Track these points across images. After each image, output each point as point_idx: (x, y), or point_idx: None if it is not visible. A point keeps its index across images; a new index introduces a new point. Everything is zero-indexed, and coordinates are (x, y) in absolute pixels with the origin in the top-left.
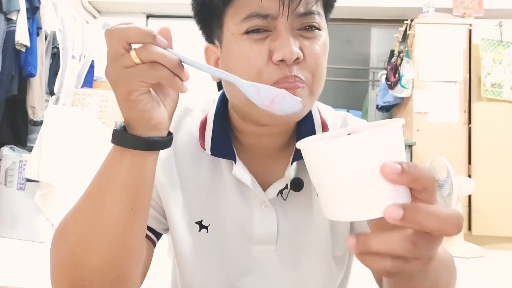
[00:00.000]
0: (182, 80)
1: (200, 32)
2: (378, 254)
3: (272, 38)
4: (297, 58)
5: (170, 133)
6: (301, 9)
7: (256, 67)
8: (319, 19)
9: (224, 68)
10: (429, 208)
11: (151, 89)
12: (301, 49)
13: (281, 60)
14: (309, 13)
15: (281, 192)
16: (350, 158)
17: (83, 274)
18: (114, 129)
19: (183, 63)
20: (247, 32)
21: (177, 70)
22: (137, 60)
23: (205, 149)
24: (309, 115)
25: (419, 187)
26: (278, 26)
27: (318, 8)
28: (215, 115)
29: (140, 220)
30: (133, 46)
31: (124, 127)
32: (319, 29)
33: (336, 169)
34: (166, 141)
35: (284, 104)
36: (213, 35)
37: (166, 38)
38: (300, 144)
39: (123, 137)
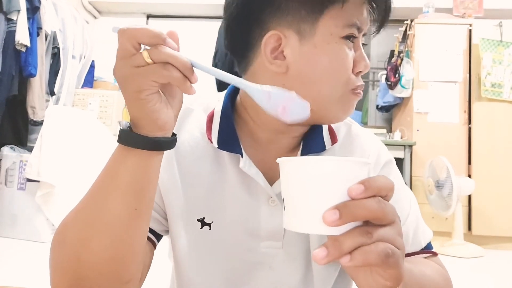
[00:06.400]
0: (191, 82)
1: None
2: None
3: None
4: None
5: (174, 134)
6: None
7: (349, 71)
8: None
9: (310, 61)
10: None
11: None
12: None
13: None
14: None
15: None
16: (316, 175)
17: (84, 273)
18: (120, 129)
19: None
20: (344, 37)
21: (187, 72)
22: (148, 60)
23: (212, 142)
24: None
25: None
26: (359, 39)
27: None
28: (222, 110)
29: (143, 219)
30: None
31: (130, 126)
32: None
33: (306, 183)
34: (171, 142)
35: (294, 109)
36: (278, 25)
37: (174, 42)
38: (280, 159)
39: (130, 137)
